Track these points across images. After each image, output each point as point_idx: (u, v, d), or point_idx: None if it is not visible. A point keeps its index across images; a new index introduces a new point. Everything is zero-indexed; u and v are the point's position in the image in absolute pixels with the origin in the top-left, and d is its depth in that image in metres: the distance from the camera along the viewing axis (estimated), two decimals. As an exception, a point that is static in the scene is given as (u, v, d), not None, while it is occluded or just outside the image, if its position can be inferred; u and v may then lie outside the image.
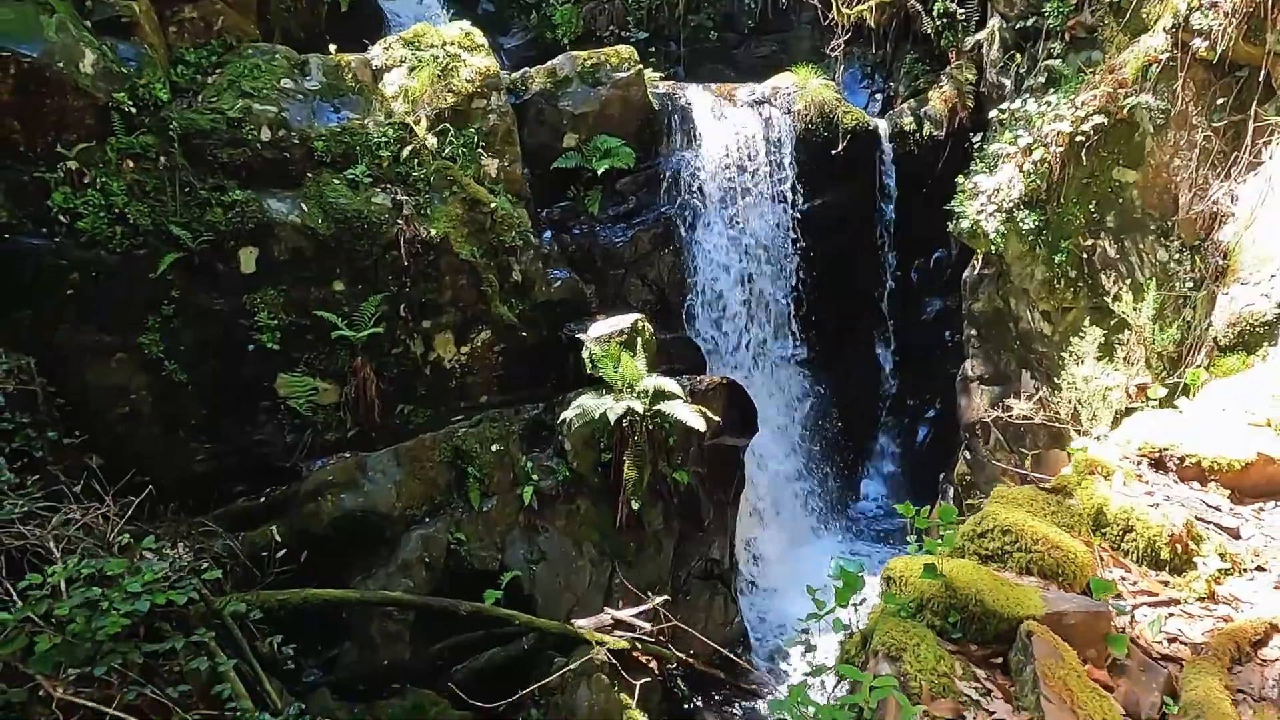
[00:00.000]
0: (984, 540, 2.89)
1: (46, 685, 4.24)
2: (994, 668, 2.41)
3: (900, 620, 2.41)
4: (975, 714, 2.20)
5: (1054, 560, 2.77)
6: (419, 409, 8.25)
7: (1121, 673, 2.46)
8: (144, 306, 6.96)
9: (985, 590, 2.49)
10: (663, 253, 9.78)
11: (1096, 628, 2.48)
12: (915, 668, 2.23)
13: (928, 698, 2.17)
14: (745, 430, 9.33)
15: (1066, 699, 2.15)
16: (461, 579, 7.70)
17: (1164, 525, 3.02)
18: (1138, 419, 3.75)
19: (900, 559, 2.70)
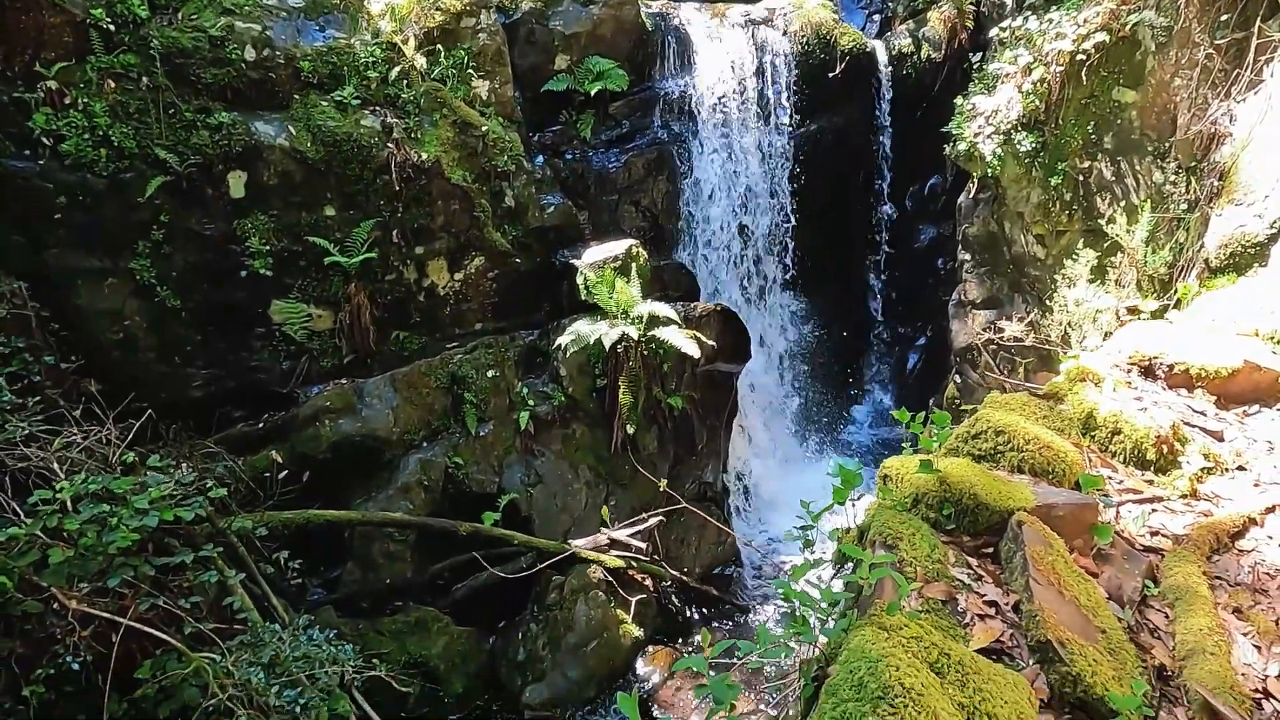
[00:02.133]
0: (978, 441, 2.97)
1: (61, 597, 4.36)
2: (985, 557, 2.52)
3: (896, 513, 2.50)
4: (967, 596, 2.30)
5: (1045, 459, 2.86)
6: (414, 336, 8.27)
7: (1106, 561, 2.57)
8: (133, 231, 6.88)
9: (978, 484, 2.58)
10: (656, 178, 9.68)
11: (1083, 519, 2.58)
12: (911, 555, 2.32)
13: (922, 581, 2.27)
14: (738, 356, 9.40)
15: (1054, 581, 2.25)
16: (460, 501, 7.84)
17: (1151, 428, 3.11)
18: (1128, 329, 3.80)
19: (896, 458, 2.78)
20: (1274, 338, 3.73)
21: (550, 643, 7.44)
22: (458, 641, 7.36)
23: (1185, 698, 2.15)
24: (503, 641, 7.63)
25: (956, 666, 1.89)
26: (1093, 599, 2.31)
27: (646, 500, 8.62)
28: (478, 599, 7.77)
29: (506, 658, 7.48)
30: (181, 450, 6.40)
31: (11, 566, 4.18)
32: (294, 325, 7.69)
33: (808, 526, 2.49)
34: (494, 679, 7.42)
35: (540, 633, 7.50)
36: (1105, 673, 2.05)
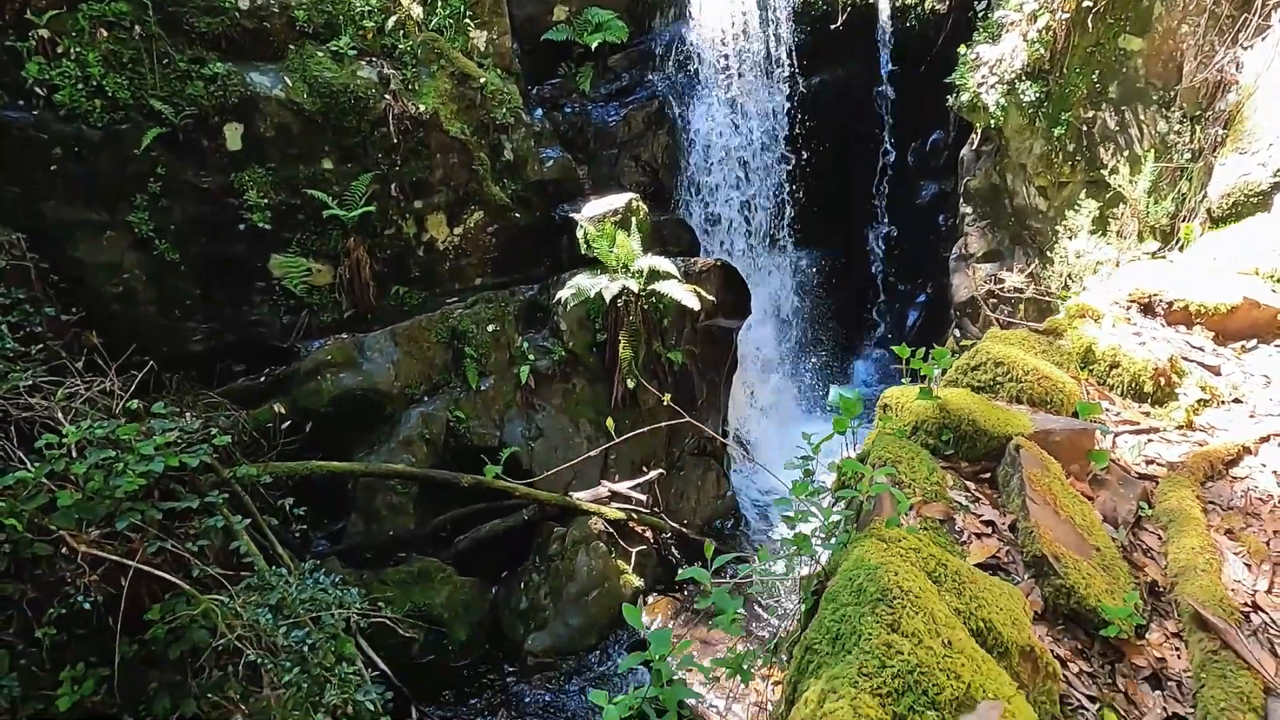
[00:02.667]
0: (977, 373, 2.99)
1: (70, 540, 4.41)
2: (982, 481, 2.55)
3: (896, 439, 2.53)
4: (964, 516, 2.34)
5: (1043, 389, 2.88)
6: (414, 290, 8.27)
7: (1101, 485, 2.61)
8: (130, 183, 6.84)
9: (977, 412, 2.61)
10: (656, 133, 9.60)
11: (1080, 444, 2.61)
12: (909, 477, 2.36)
13: (920, 504, 2.30)
14: (738, 312, 9.41)
15: (1050, 502, 2.29)
16: (461, 455, 7.89)
17: (1149, 361, 3.13)
18: (1129, 268, 3.81)
19: (896, 388, 2.81)
20: (1274, 276, 3.74)
21: (552, 592, 7.54)
22: (461, 591, 7.46)
23: (1176, 611, 2.20)
24: (505, 591, 7.74)
25: (953, 576, 1.93)
26: (1088, 519, 2.35)
27: (646, 454, 8.69)
28: (480, 550, 7.87)
29: (509, 607, 7.59)
30: (185, 401, 6.44)
31: (20, 510, 4.22)
32: (293, 279, 7.67)
33: (808, 457, 2.51)
34: (496, 627, 7.54)
35: (542, 582, 7.61)
36: (1098, 586, 2.10)
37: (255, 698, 5.05)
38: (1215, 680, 1.92)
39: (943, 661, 1.61)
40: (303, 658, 4.69)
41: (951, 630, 1.70)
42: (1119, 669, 2.03)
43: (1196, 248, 4.18)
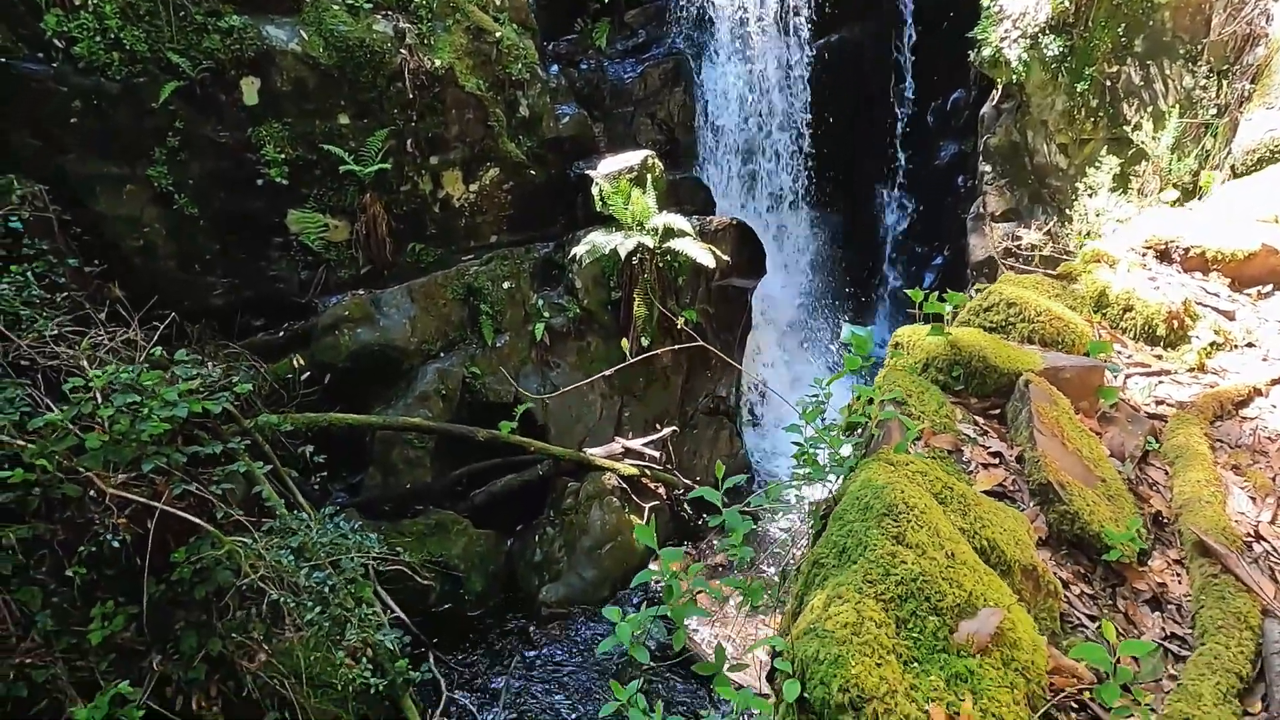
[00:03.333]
0: (989, 314, 3.01)
1: (98, 481, 4.52)
2: (991, 417, 2.58)
3: (906, 374, 2.56)
4: (972, 448, 2.38)
5: (1054, 330, 2.90)
6: (430, 248, 8.31)
7: (1110, 422, 2.63)
8: (149, 137, 6.89)
9: (987, 349, 2.63)
10: (673, 90, 9.53)
11: (1090, 381, 2.63)
12: (919, 409, 2.39)
13: (929, 434, 2.34)
14: (753, 272, 9.40)
15: (1057, 434, 2.32)
16: (477, 411, 7.99)
17: (1162, 304, 3.13)
18: (1147, 215, 3.79)
19: (907, 327, 2.83)
20: (1294, 224, 3.70)
21: (566, 545, 7.67)
22: (476, 543, 7.60)
23: (1179, 540, 2.24)
24: (520, 544, 7.88)
25: (959, 498, 1.97)
26: (1095, 452, 2.38)
27: (660, 412, 8.76)
28: (495, 505, 7.99)
29: (524, 559, 7.73)
30: (206, 351, 6.54)
31: (50, 451, 4.33)
32: (311, 235, 7.73)
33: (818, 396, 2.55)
34: (512, 579, 7.68)
35: (556, 536, 7.73)
36: (1102, 513, 2.13)
37: (278, 639, 5.20)
38: (1214, 602, 1.95)
39: (945, 571, 1.66)
40: (324, 598, 4.83)
41: (955, 544, 1.74)
42: (1120, 592, 2.08)
43: (1215, 196, 4.14)
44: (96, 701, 4.25)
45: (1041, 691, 1.59)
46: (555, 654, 6.98)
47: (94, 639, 4.41)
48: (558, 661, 6.89)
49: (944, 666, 1.51)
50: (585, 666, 6.83)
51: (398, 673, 5.37)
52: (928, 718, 1.41)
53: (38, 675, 4.33)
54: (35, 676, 4.31)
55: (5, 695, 4.23)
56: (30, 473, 4.31)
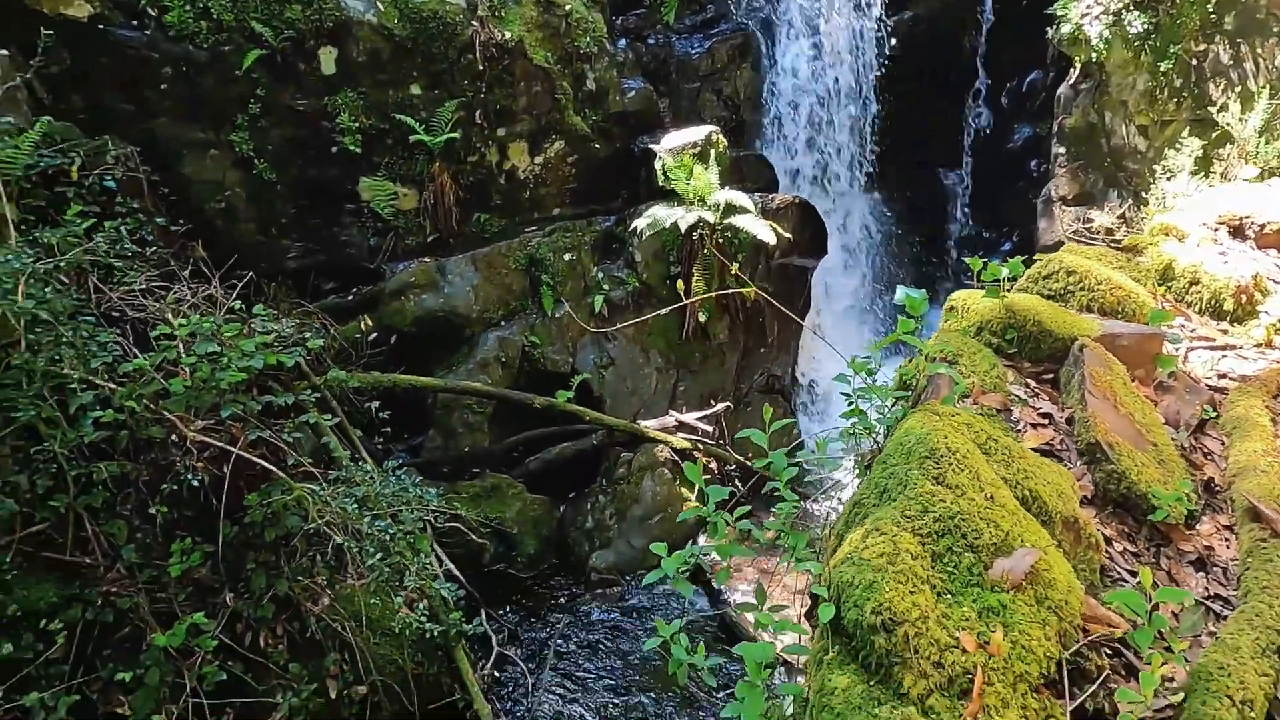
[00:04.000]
0: (1048, 281, 2.98)
1: (180, 425, 4.80)
2: (1044, 382, 2.57)
3: (959, 335, 2.57)
4: (1021, 409, 2.38)
5: (1115, 299, 2.86)
6: (494, 218, 8.48)
7: (1167, 391, 2.60)
8: (233, 104, 7.18)
9: (1043, 313, 2.62)
10: (740, 66, 9.49)
11: (1148, 349, 2.60)
12: (969, 369, 2.40)
13: (978, 392, 2.35)
14: (814, 251, 9.34)
15: (1109, 397, 2.31)
16: (535, 379, 8.16)
17: (1231, 278, 3.06)
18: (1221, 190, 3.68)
19: (963, 291, 2.83)
20: (1381, 205, 3.55)
21: (617, 514, 7.80)
22: (530, 507, 7.78)
23: (1230, 507, 2.21)
24: (572, 510, 8.04)
25: (1003, 449, 1.99)
26: (1147, 418, 2.36)
27: (714, 388, 8.80)
28: (550, 471, 8.16)
29: (575, 525, 7.89)
30: (281, 309, 6.82)
31: (138, 394, 4.62)
32: (381, 203, 7.97)
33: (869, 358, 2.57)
34: (563, 543, 7.86)
35: (608, 504, 7.86)
36: (1151, 475, 2.13)
37: (340, 584, 5.46)
38: (1260, 564, 1.93)
39: (984, 512, 1.69)
40: (385, 546, 5.05)
41: (995, 489, 1.77)
42: (1164, 552, 2.07)
43: (1299, 175, 3.99)
44: (174, 630, 4.54)
45: (1074, 632, 1.62)
46: (602, 618, 7.13)
47: (173, 572, 4.70)
48: (604, 625, 7.04)
49: (976, 600, 1.55)
50: (631, 631, 6.97)
51: (451, 623, 5.58)
52: (958, 644, 1.46)
53: (122, 603, 4.63)
54: (120, 604, 4.62)
55: (94, 619, 4.54)
56: (120, 414, 4.61)
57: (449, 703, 5.68)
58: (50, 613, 4.43)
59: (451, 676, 5.73)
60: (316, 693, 5.03)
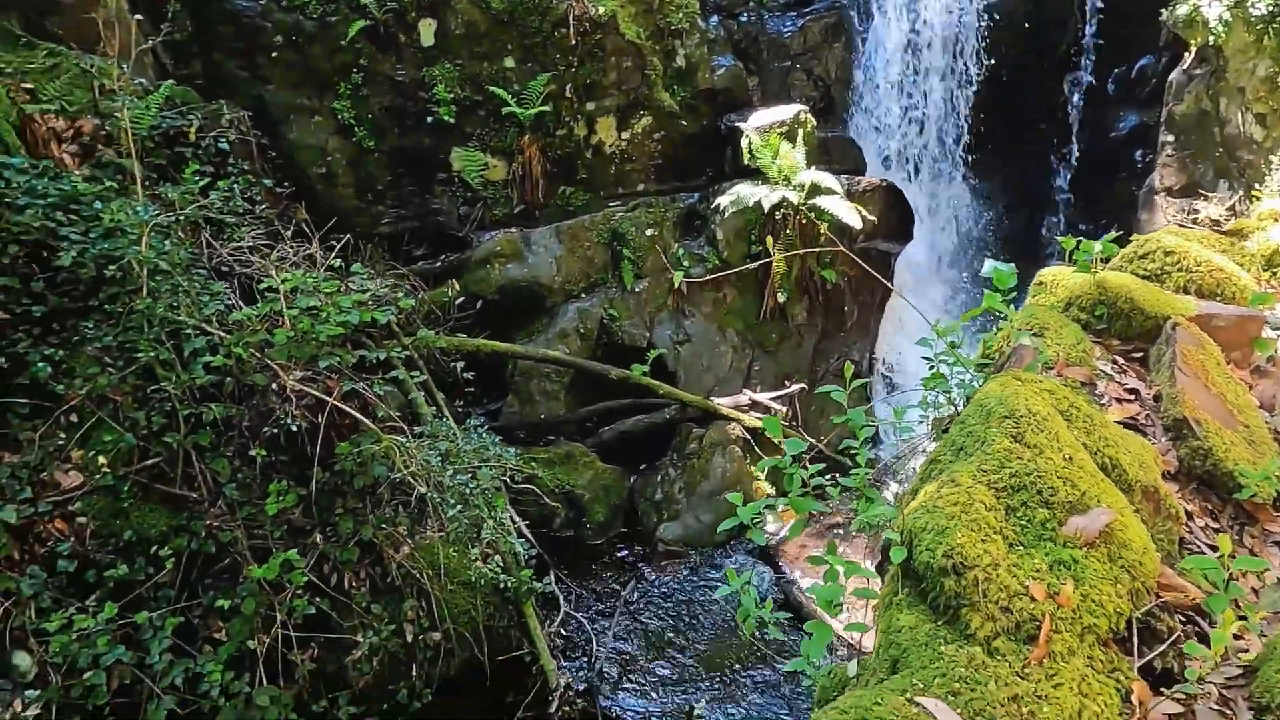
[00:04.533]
0: (1144, 261, 2.91)
1: (281, 373, 5.10)
2: (1133, 360, 2.53)
3: (1046, 309, 2.55)
4: (1107, 384, 2.35)
5: (1214, 281, 2.77)
6: (579, 191, 8.63)
7: (1264, 375, 2.52)
8: (337, 72, 7.50)
9: (1136, 291, 2.57)
10: (832, 45, 9.35)
11: (1246, 330, 2.52)
12: (1055, 342, 2.38)
13: (1062, 364, 2.33)
14: (900, 236, 9.20)
15: (1200, 376, 2.26)
16: (612, 352, 8.30)
17: (1346, 266, 2.93)
18: (1342, 177, 3.50)
19: (1052, 267, 2.79)
20: None
21: (686, 488, 7.90)
22: (602, 476, 7.95)
23: (1325, 493, 2.15)
24: (642, 482, 8.17)
25: (1085, 418, 1.98)
26: (1240, 400, 2.30)
27: (789, 369, 8.78)
28: (622, 443, 8.30)
29: (645, 496, 8.02)
30: (376, 270, 7.13)
31: (245, 342, 4.93)
32: (471, 173, 8.20)
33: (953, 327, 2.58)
34: (632, 513, 8.00)
35: (677, 478, 7.97)
36: (1239, 454, 2.09)
37: (420, 535, 5.72)
38: (1353, 547, 1.89)
39: (1061, 470, 1.71)
40: (464, 499, 5.27)
41: (1075, 451, 1.78)
42: (1249, 530, 2.03)
43: None
44: (269, 564, 4.84)
45: (1146, 593, 1.63)
46: (667, 588, 7.26)
47: (269, 510, 5.00)
48: (669, 594, 7.16)
49: (1048, 554, 1.58)
50: (695, 601, 7.08)
51: (523, 580, 5.78)
52: (1027, 592, 1.49)
53: (223, 536, 4.96)
54: (221, 537, 4.95)
55: (198, 549, 4.88)
56: (228, 359, 4.93)
57: (516, 656, 5.89)
58: (160, 540, 4.78)
59: (520, 631, 5.94)
60: (394, 634, 5.29)
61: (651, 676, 6.32)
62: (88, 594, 4.52)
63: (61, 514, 4.66)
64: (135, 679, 4.52)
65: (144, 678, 4.50)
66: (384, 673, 5.28)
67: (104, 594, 4.48)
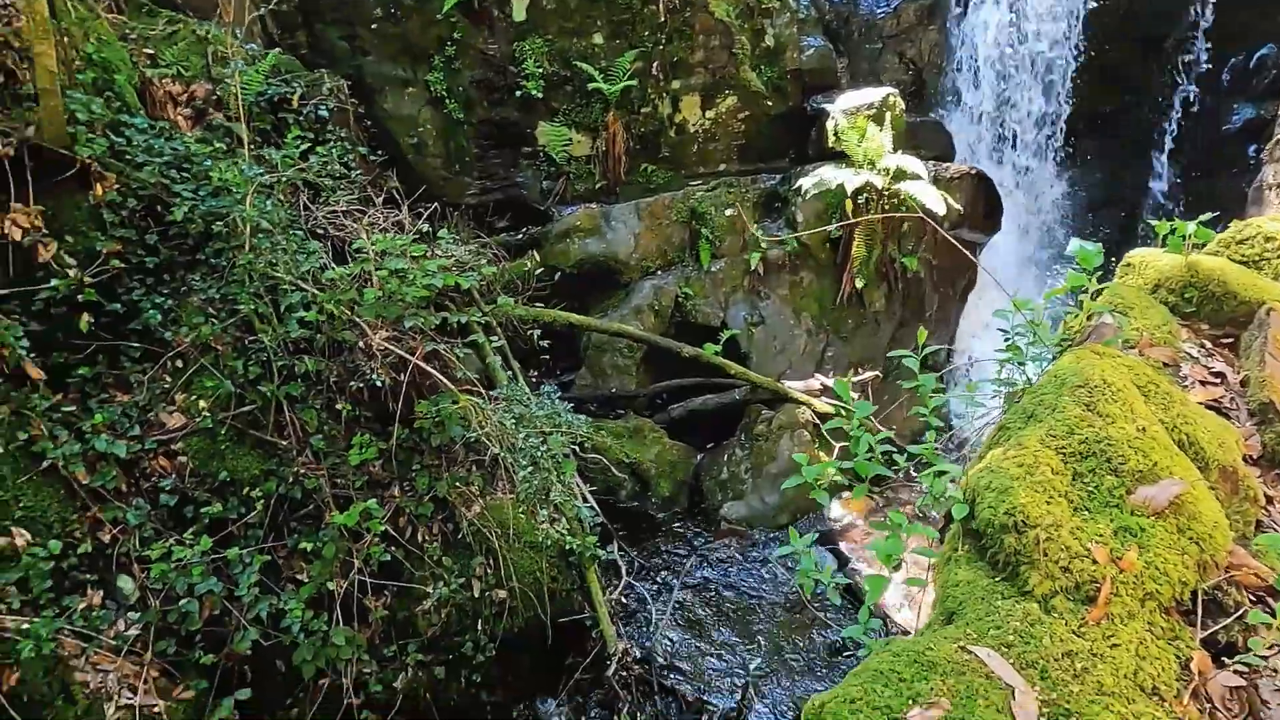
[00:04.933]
0: (1242, 246, 2.80)
1: (368, 331, 5.34)
2: (1221, 345, 2.45)
3: (1132, 290, 2.49)
4: (1192, 366, 2.29)
5: (1318, 269, 2.66)
6: (660, 169, 8.68)
7: (1365, 368, 2.41)
8: (432, 45, 7.73)
9: (1229, 274, 2.48)
10: (927, 28, 9.14)
11: (1349, 321, 2.41)
12: (1139, 323, 2.33)
13: (1145, 343, 2.28)
14: (987, 226, 8.96)
15: (1294, 363, 2.18)
16: (685, 330, 8.36)
17: None
18: None
19: (1141, 250, 2.71)
20: None
21: (753, 469, 7.91)
22: (669, 451, 8.03)
23: None
24: (709, 460, 8.22)
25: (1163, 394, 1.94)
26: (1337, 390, 2.21)
27: (864, 357, 8.68)
28: (691, 421, 8.37)
29: (711, 474, 8.07)
30: (460, 238, 7.35)
31: (337, 299, 5.17)
32: (556, 147, 8.35)
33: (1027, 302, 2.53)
34: (697, 490, 8.07)
35: (744, 458, 7.99)
36: (1331, 442, 2.02)
37: (491, 496, 5.91)
38: None
39: (1133, 440, 1.69)
40: (535, 461, 5.42)
41: (1149, 424, 1.75)
42: (1334, 520, 1.97)
43: None
44: (350, 511, 5.08)
45: (1215, 568, 1.60)
46: (728, 565, 7.31)
47: (352, 460, 5.25)
48: (729, 572, 7.22)
49: (1114, 520, 1.57)
50: (755, 579, 7.12)
51: (587, 545, 5.92)
52: (1089, 554, 1.49)
53: (309, 483, 5.23)
54: (307, 483, 5.21)
55: (285, 494, 5.16)
56: (320, 315, 5.19)
57: (577, 620, 6.04)
58: (252, 482, 5.08)
59: (582, 595, 6.08)
60: (463, 588, 5.49)
61: (708, 650, 6.39)
62: (185, 528, 4.84)
63: (165, 452, 5.00)
64: (224, 610, 4.83)
65: (232, 609, 4.81)
66: (451, 624, 5.49)
67: (200, 529, 4.79)
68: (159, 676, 4.62)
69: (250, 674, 4.84)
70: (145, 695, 4.53)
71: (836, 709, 1.23)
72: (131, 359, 4.92)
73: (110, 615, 4.57)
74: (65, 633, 4.27)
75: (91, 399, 4.74)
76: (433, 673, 5.44)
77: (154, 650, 4.57)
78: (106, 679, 4.48)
